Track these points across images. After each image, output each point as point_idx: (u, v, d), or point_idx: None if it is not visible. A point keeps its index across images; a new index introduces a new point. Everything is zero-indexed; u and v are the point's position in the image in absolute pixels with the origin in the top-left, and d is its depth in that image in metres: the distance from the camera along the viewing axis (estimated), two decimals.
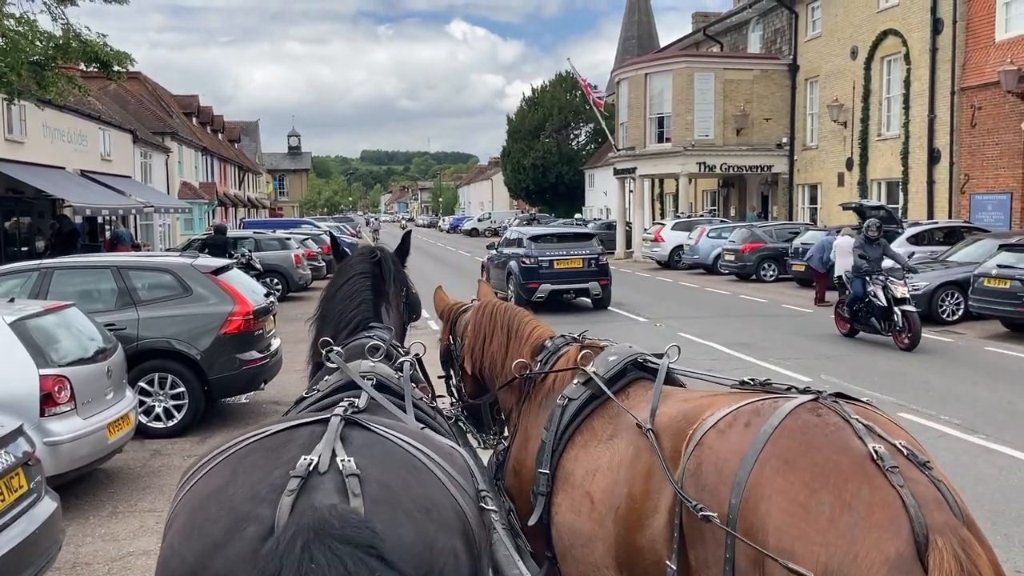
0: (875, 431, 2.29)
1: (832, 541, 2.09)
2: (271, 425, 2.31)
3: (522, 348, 3.69)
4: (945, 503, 2.13)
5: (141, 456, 8.64)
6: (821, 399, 2.47)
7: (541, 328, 3.79)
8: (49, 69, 15.56)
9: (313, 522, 1.85)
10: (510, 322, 3.83)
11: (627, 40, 66.45)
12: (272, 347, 10.39)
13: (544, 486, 3.11)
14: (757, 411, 2.49)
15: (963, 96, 24.14)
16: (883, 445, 2.23)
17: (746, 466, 2.31)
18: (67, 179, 25.89)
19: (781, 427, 2.35)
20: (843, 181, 30.18)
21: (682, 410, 2.77)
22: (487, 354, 3.84)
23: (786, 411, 2.40)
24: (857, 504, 2.11)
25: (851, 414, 2.35)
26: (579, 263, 19.17)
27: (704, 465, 2.45)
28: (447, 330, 4.38)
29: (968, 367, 12.52)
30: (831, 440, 2.28)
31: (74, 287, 9.75)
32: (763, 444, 2.33)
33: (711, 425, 2.53)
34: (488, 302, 4.07)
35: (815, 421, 2.36)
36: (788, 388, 2.71)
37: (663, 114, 34.94)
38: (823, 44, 31.45)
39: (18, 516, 4.87)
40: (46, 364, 6.91)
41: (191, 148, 46.73)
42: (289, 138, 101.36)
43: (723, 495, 2.34)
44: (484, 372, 3.92)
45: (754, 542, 2.22)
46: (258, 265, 20.73)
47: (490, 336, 3.85)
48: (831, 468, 2.20)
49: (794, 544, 2.13)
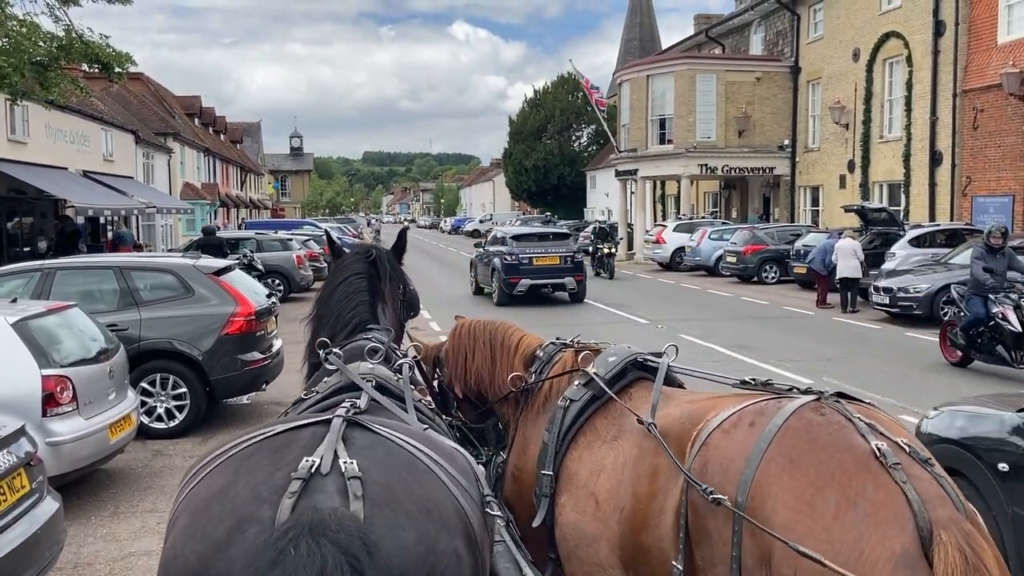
0: (877, 429, 2.32)
1: (838, 538, 2.11)
2: (273, 426, 2.31)
3: (513, 359, 3.67)
4: (948, 499, 2.16)
5: (143, 457, 8.65)
6: (824, 399, 2.50)
7: (528, 337, 3.77)
8: (52, 70, 15.59)
9: (311, 521, 1.85)
10: (492, 336, 3.81)
11: (629, 42, 66.42)
12: (274, 348, 10.40)
13: (547, 487, 3.11)
14: (761, 411, 2.51)
15: (965, 98, 24.12)
16: (885, 443, 2.25)
17: (752, 465, 2.33)
18: (69, 179, 25.91)
19: (785, 426, 2.38)
20: (845, 183, 30.17)
21: (687, 411, 2.78)
22: (471, 371, 3.82)
23: (790, 411, 2.43)
24: (862, 501, 2.14)
25: (853, 413, 2.38)
26: (556, 260, 20.76)
27: (710, 464, 2.47)
28: (432, 371, 4.17)
29: (970, 369, 12.50)
30: (835, 438, 2.30)
31: (76, 287, 9.76)
32: (768, 443, 2.35)
33: (716, 425, 2.56)
34: (463, 322, 4.02)
35: (819, 420, 2.38)
36: (790, 388, 2.73)
37: (665, 116, 34.95)
38: (825, 46, 31.45)
39: (20, 516, 4.87)
40: (48, 364, 6.91)
41: (193, 149, 46.76)
42: (291, 139, 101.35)
43: (729, 494, 2.36)
44: (473, 390, 3.88)
45: (760, 540, 2.24)
46: (260, 266, 20.73)
47: (471, 352, 3.82)
48: (835, 466, 2.23)
49: (800, 541, 2.15)
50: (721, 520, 2.37)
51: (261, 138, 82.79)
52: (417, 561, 1.98)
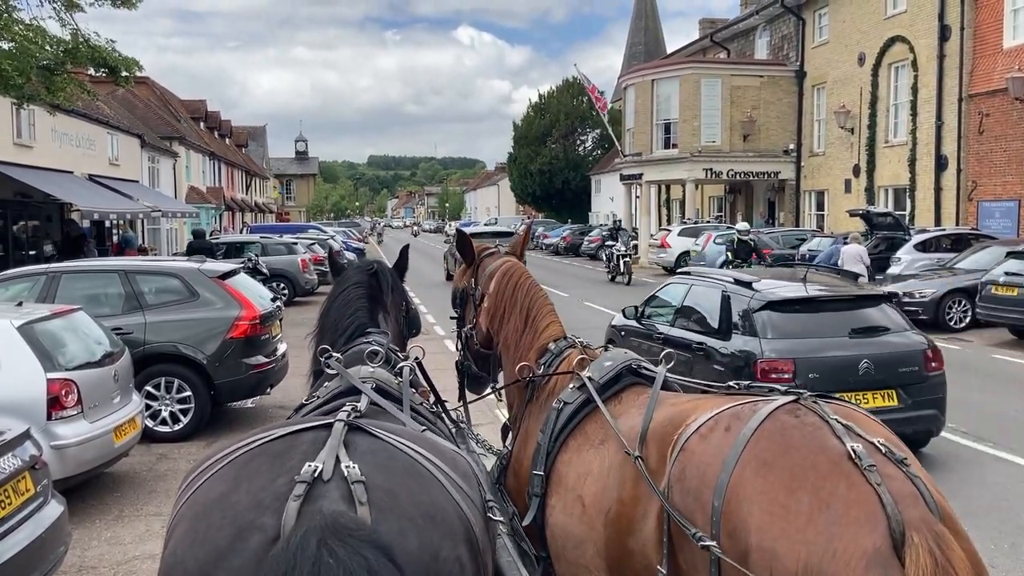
0: (853, 430, 2.34)
1: (811, 539, 2.13)
2: (274, 429, 2.29)
3: (533, 342, 3.69)
4: (921, 498, 2.17)
5: (147, 460, 8.66)
6: (801, 400, 2.51)
7: (553, 326, 3.75)
8: (58, 74, 15.63)
9: (327, 523, 1.84)
10: (530, 306, 3.79)
11: (634, 46, 66.47)
12: (278, 352, 10.41)
13: (538, 487, 3.16)
14: (737, 415, 2.54)
15: (971, 103, 24.08)
16: (861, 444, 2.27)
17: (727, 469, 2.36)
18: (75, 183, 25.97)
19: (760, 429, 2.40)
20: (850, 188, 30.12)
21: (668, 415, 2.81)
22: (503, 332, 3.83)
23: (765, 414, 2.45)
24: (835, 502, 2.16)
25: (830, 414, 2.40)
26: None
27: (688, 470, 2.51)
28: (470, 271, 4.19)
29: (975, 375, 12.47)
30: (809, 440, 2.33)
31: (81, 291, 9.78)
32: (743, 447, 2.38)
33: (694, 430, 2.59)
34: (514, 268, 3.95)
35: (793, 422, 2.41)
36: (770, 391, 2.77)
37: (670, 120, 34.94)
38: (830, 50, 31.43)
39: (25, 519, 4.88)
40: (53, 368, 6.93)
41: (199, 153, 46.88)
42: (296, 143, 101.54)
43: (706, 498, 2.39)
44: (496, 341, 3.92)
45: (737, 543, 2.28)
46: (264, 269, 20.76)
47: (509, 314, 3.81)
48: (809, 468, 2.25)
49: (775, 543, 2.18)
50: (700, 524, 2.40)
51: (266, 142, 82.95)
52: (420, 569, 1.97)
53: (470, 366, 4.21)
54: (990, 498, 7.12)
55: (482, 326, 4.01)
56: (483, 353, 4.10)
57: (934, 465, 7.78)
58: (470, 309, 4.16)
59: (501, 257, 4.11)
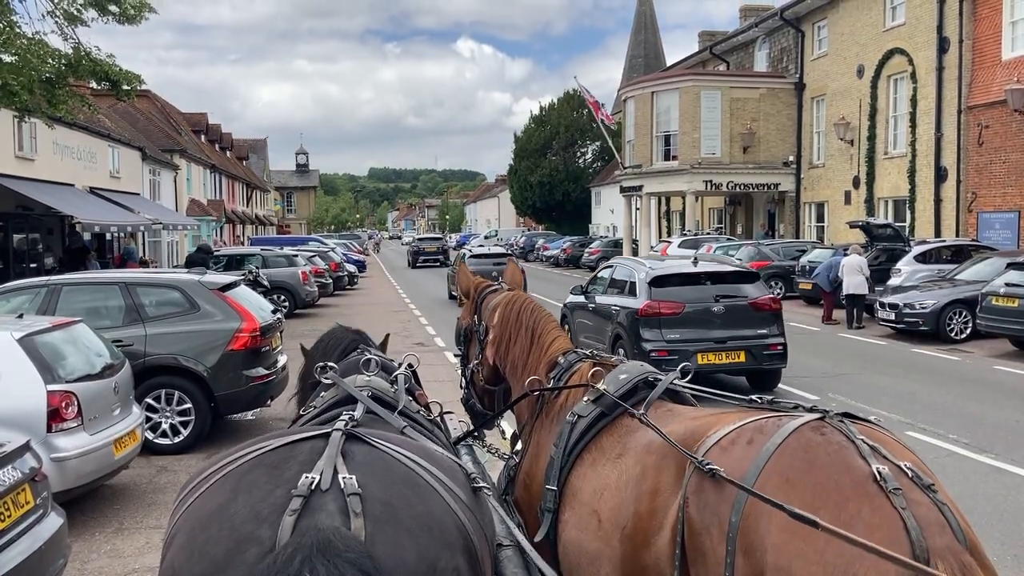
0: (880, 452, 2.27)
1: (830, 561, 2.06)
2: (271, 440, 2.28)
3: (541, 358, 3.69)
4: (948, 527, 2.09)
5: (147, 472, 8.64)
6: (827, 418, 2.44)
7: (560, 340, 3.77)
8: (59, 87, 15.68)
9: (317, 542, 1.83)
10: (535, 326, 3.81)
11: (634, 58, 66.66)
12: (279, 364, 10.40)
13: (551, 503, 3.10)
14: (760, 429, 2.47)
15: (970, 114, 24.14)
16: (887, 466, 2.20)
17: (747, 484, 2.29)
18: (76, 196, 26.01)
19: (784, 445, 2.33)
20: (850, 199, 30.15)
21: (689, 428, 2.76)
22: (510, 355, 3.85)
23: (790, 429, 2.38)
24: (857, 525, 2.08)
25: (856, 434, 2.32)
26: (434, 249, 50.84)
27: (706, 482, 2.43)
28: (472, 309, 4.31)
29: (976, 386, 12.45)
30: (833, 459, 2.25)
31: (82, 303, 9.79)
32: (765, 462, 2.31)
33: (714, 442, 2.53)
34: (516, 297, 4.03)
35: (818, 440, 2.33)
36: (795, 406, 2.69)
37: (670, 132, 35.00)
38: (829, 63, 31.52)
39: (24, 532, 4.87)
40: (53, 380, 6.92)
41: (199, 165, 46.96)
42: (297, 156, 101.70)
43: (724, 513, 2.32)
44: (503, 368, 3.94)
45: (753, 560, 2.21)
46: (265, 282, 20.76)
47: (515, 337, 3.83)
48: (832, 487, 2.18)
49: (792, 563, 2.11)
50: (716, 539, 2.34)
51: (267, 155, 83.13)
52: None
53: (475, 403, 4.22)
54: (992, 510, 7.10)
55: (488, 358, 4.02)
56: (488, 389, 4.12)
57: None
58: (474, 346, 4.22)
59: (503, 292, 4.19)
